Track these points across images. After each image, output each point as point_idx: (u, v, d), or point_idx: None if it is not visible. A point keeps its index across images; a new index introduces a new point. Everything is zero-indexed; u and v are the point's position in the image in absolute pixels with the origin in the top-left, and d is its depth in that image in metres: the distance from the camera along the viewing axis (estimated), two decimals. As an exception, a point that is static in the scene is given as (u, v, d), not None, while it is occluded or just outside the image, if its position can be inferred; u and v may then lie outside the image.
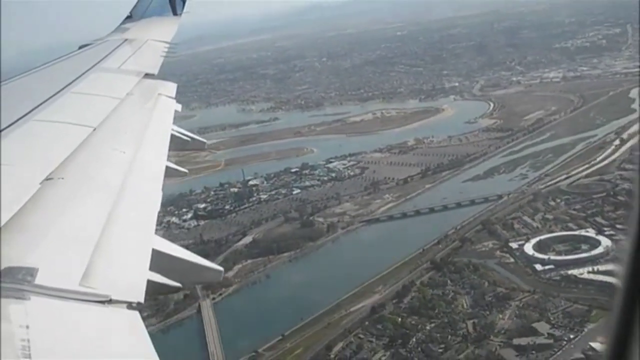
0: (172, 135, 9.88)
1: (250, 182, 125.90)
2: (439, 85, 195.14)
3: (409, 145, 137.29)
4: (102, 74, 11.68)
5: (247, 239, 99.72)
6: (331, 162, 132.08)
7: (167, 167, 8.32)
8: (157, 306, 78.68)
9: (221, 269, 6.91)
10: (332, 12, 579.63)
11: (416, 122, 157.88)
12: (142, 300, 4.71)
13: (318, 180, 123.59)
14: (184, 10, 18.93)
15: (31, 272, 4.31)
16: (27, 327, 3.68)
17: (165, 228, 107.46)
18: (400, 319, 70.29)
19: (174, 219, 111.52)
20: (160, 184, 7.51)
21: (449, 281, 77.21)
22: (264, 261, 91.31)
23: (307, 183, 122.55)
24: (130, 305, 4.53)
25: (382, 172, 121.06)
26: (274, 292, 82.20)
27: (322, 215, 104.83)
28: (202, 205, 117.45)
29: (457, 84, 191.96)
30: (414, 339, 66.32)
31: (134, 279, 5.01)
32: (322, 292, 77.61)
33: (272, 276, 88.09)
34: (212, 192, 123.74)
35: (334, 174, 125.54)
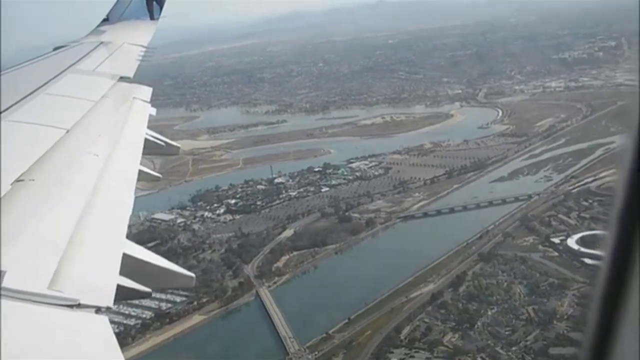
0: (146, 140, 9.91)
1: (276, 180, 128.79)
2: (442, 92, 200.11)
3: (427, 148, 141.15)
4: (76, 75, 11.68)
5: (289, 232, 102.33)
6: (352, 162, 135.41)
7: (140, 171, 8.42)
8: (214, 292, 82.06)
9: (192, 275, 6.90)
10: (313, 20, 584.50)
11: (428, 127, 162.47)
12: (111, 305, 4.66)
13: (344, 179, 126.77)
14: (161, 15, 19.32)
15: None
16: None
17: (200, 221, 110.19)
18: (461, 305, 74.12)
19: (208, 214, 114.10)
20: (133, 188, 7.54)
21: (499, 272, 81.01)
22: (311, 252, 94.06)
23: (334, 182, 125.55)
24: (99, 310, 4.47)
25: (407, 172, 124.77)
26: (328, 280, 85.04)
27: (357, 212, 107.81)
28: (233, 201, 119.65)
29: (460, 91, 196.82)
30: (479, 323, 69.95)
31: (103, 283, 5.00)
32: (376, 281, 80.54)
33: (321, 267, 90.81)
34: (239, 189, 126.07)
35: (358, 174, 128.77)
